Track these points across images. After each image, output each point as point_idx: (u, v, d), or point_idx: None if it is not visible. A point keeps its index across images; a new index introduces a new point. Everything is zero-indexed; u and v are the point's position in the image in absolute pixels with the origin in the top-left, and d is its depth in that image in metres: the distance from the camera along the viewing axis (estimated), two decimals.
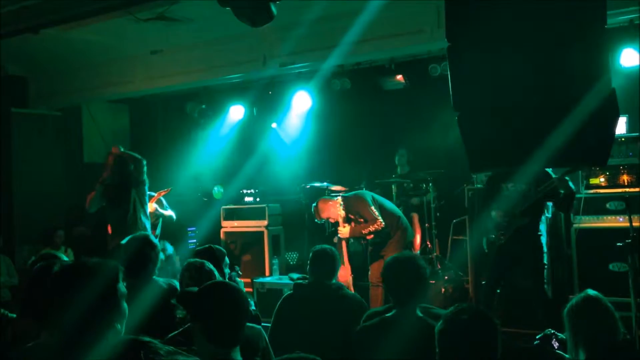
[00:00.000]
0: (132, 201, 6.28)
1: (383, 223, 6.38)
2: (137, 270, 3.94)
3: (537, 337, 5.45)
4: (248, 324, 3.08)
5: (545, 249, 5.59)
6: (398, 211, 6.83)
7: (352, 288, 6.61)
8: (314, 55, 7.25)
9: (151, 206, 7.01)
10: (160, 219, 7.34)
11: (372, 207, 6.45)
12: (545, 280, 5.55)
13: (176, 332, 3.18)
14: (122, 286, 2.30)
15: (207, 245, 4.30)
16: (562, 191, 5.36)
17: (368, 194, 6.73)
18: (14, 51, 6.99)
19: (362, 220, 6.46)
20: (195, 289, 2.90)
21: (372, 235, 6.49)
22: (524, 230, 5.51)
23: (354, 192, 6.90)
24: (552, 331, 4.63)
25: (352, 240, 6.87)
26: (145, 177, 6.44)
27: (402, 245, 6.52)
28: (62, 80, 9.19)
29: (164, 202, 7.46)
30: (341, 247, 6.82)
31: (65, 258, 3.75)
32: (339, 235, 6.62)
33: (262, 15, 4.30)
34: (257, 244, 8.50)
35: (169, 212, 7.48)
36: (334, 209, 6.62)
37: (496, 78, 3.23)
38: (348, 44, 6.49)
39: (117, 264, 2.35)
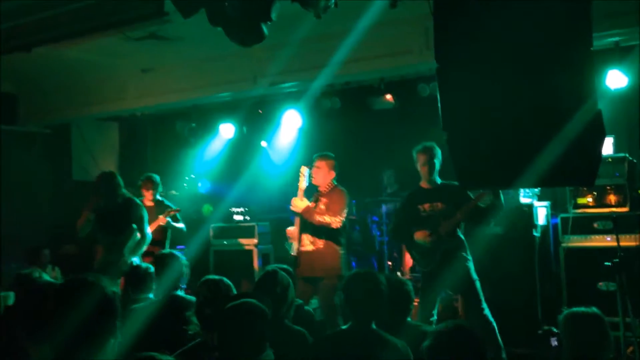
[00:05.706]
0: (130, 231, 6.04)
1: (340, 226, 5.79)
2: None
3: (539, 331, 5.58)
4: None
5: (472, 267, 5.40)
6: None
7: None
8: (303, 74, 7.31)
9: (163, 219, 7.05)
10: (170, 231, 7.33)
11: (346, 209, 5.87)
12: (480, 294, 5.33)
13: (187, 346, 3.27)
14: (118, 304, 2.33)
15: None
16: (482, 205, 5.18)
17: (349, 197, 6.06)
18: (4, 68, 6.97)
19: (323, 207, 5.84)
20: None
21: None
22: (452, 254, 5.35)
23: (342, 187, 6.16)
24: (554, 329, 4.70)
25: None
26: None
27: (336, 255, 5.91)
28: (52, 98, 9.18)
29: (177, 215, 7.45)
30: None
31: (46, 277, 3.72)
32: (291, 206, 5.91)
33: (252, 35, 4.32)
34: (247, 262, 8.47)
35: (181, 225, 7.47)
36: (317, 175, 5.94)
37: (484, 99, 3.27)
38: (337, 64, 6.53)
39: (112, 281, 2.38)
